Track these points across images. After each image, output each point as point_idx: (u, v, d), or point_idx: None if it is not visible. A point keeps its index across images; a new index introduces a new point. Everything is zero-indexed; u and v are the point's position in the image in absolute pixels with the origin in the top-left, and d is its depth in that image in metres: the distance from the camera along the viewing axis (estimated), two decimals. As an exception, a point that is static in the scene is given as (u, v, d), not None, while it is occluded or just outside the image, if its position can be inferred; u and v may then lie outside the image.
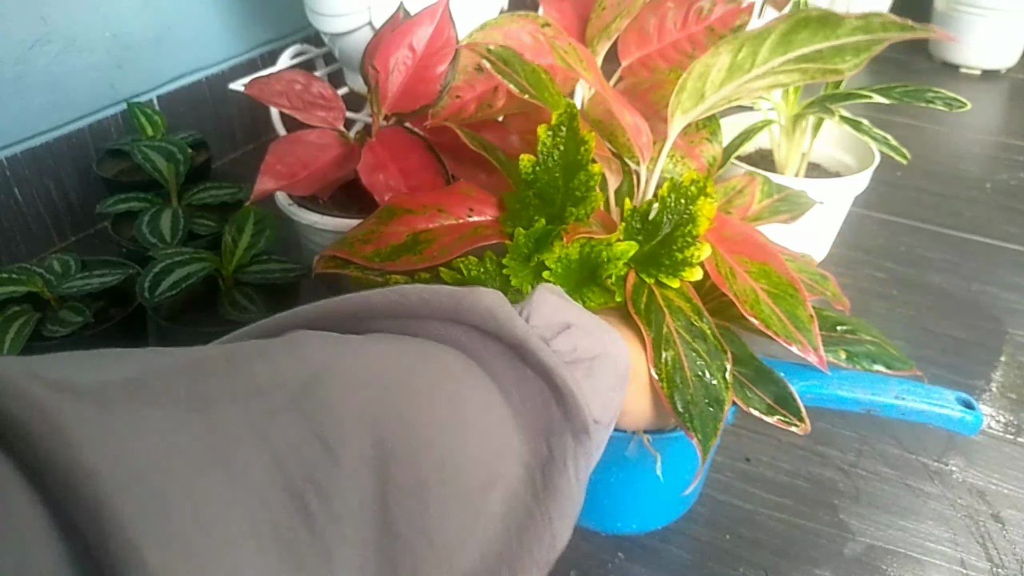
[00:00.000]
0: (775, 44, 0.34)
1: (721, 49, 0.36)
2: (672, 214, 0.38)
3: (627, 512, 0.48)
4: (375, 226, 0.47)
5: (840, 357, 0.42)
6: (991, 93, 1.26)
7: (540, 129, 0.40)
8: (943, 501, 0.52)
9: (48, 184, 0.79)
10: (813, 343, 0.36)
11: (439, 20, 0.61)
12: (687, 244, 0.38)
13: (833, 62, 0.33)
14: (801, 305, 0.37)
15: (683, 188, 0.38)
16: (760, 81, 0.36)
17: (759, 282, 0.37)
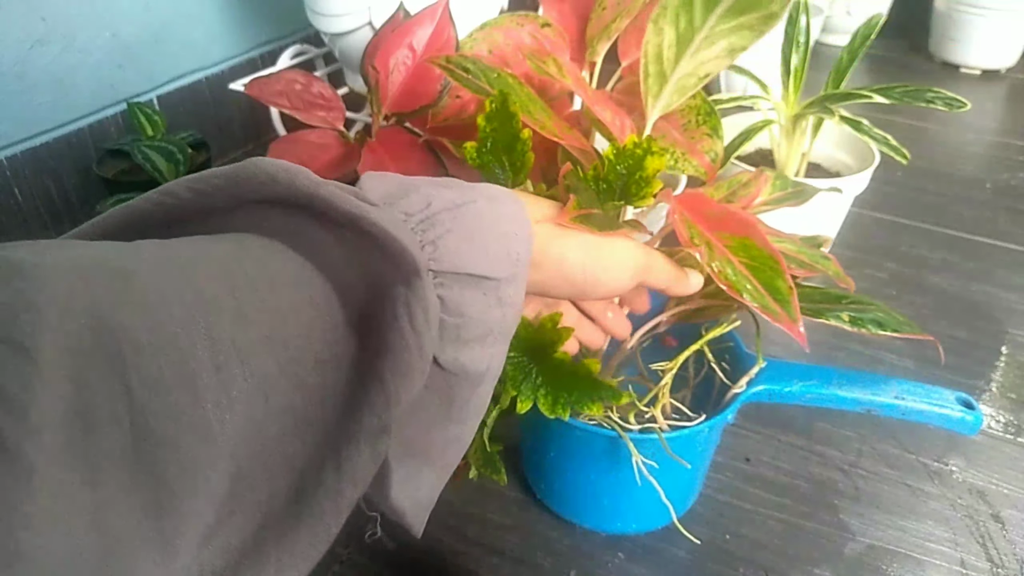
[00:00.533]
0: (703, 5, 0.35)
1: (661, 24, 0.37)
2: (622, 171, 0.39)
3: (627, 512, 0.48)
4: None
5: (843, 321, 0.41)
6: (991, 93, 1.26)
7: (479, 118, 0.41)
8: (943, 501, 0.52)
9: (48, 184, 0.79)
10: (792, 314, 0.34)
11: (439, 20, 0.61)
12: (642, 186, 0.39)
13: (761, 6, 0.34)
14: (780, 276, 0.36)
15: (627, 151, 0.39)
16: (712, 48, 0.37)
17: (738, 256, 0.37)
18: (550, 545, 0.49)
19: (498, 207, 0.31)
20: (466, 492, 0.52)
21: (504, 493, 0.53)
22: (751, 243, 0.37)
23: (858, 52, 0.71)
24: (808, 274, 0.42)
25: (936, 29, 1.33)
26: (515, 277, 0.30)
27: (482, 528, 0.50)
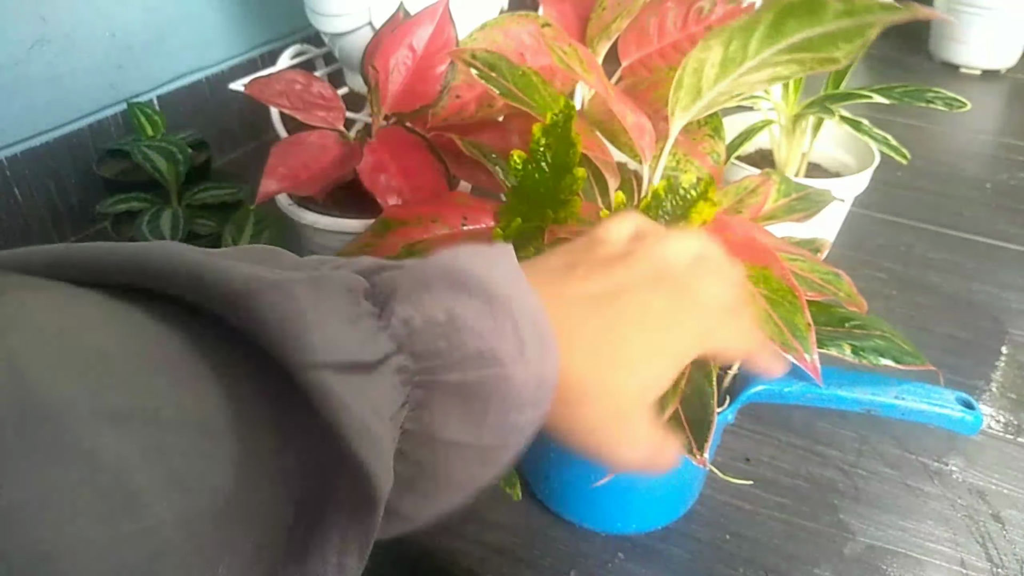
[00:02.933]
0: (764, 35, 0.34)
1: (711, 43, 0.36)
2: (666, 213, 0.38)
3: (627, 512, 0.48)
4: (371, 239, 0.47)
5: (844, 352, 0.41)
6: (991, 93, 1.26)
7: (535, 127, 0.40)
8: (943, 501, 0.52)
9: (48, 184, 0.79)
10: (809, 352, 0.36)
11: (439, 20, 0.61)
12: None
13: (827, 50, 0.33)
14: (799, 312, 0.36)
15: (682, 191, 0.38)
16: (756, 74, 0.36)
17: (758, 287, 0.37)
18: (550, 545, 0.49)
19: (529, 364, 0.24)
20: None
21: (504, 493, 0.53)
22: (771, 274, 0.37)
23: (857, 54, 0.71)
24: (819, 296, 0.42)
25: (936, 29, 1.33)
26: (508, 446, 0.25)
27: (482, 527, 0.50)
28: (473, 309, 0.23)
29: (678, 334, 0.29)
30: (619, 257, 0.30)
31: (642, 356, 0.28)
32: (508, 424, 0.24)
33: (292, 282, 0.20)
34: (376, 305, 0.22)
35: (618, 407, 0.28)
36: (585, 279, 0.29)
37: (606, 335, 0.27)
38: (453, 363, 0.22)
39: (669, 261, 0.30)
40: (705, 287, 0.31)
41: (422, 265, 0.24)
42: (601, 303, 0.28)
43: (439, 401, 0.22)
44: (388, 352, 0.21)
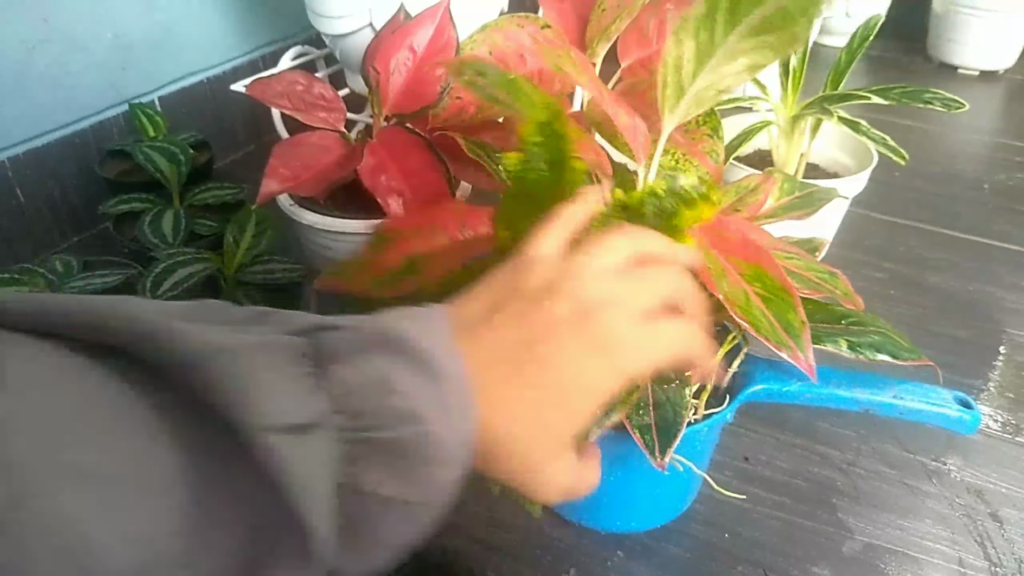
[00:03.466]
0: (725, 21, 0.34)
1: (681, 36, 0.36)
2: (658, 209, 0.38)
3: (626, 511, 0.48)
4: (368, 255, 0.47)
5: (841, 347, 0.41)
6: (989, 94, 1.26)
7: (527, 128, 0.40)
8: (941, 500, 0.53)
9: (50, 184, 0.79)
10: (803, 350, 0.36)
11: (439, 21, 0.61)
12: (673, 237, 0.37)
13: (788, 28, 0.33)
14: (793, 310, 0.36)
15: (683, 191, 0.38)
16: (733, 63, 0.36)
17: (752, 285, 0.37)
18: (550, 543, 0.49)
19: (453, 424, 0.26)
20: (466, 491, 0.52)
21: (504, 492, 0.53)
22: (765, 272, 0.37)
23: (856, 53, 0.72)
24: (815, 295, 0.42)
25: (934, 30, 1.34)
26: (432, 504, 0.26)
27: (482, 526, 0.50)
28: (404, 372, 0.25)
29: (595, 374, 0.30)
30: (540, 293, 0.30)
31: (557, 404, 0.29)
32: (433, 481, 0.25)
33: (243, 347, 0.23)
34: (316, 365, 0.24)
35: (534, 456, 0.30)
36: (503, 327, 0.30)
37: (521, 389, 0.29)
38: (384, 422, 0.24)
39: (593, 289, 0.30)
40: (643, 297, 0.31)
41: (360, 328, 0.26)
42: (517, 353, 0.29)
43: (370, 458, 0.24)
44: (326, 411, 0.23)
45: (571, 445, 0.31)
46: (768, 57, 0.35)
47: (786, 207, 0.52)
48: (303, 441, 0.22)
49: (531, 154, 0.40)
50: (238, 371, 0.22)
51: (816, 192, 0.54)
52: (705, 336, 0.33)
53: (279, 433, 0.21)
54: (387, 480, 0.24)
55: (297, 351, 0.24)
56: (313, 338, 0.25)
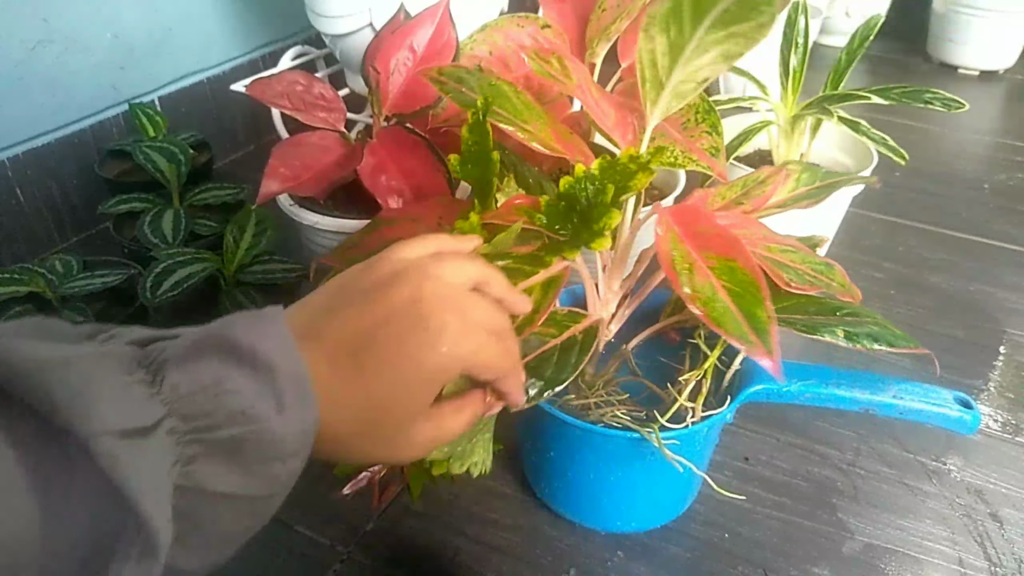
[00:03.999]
0: (691, 14, 0.35)
1: (652, 32, 0.37)
2: (593, 190, 0.39)
3: (627, 511, 0.49)
4: (360, 237, 0.50)
5: (838, 337, 0.41)
6: (989, 94, 1.26)
7: (463, 129, 0.41)
8: (941, 500, 0.53)
9: (50, 184, 0.79)
10: (768, 346, 0.33)
11: (439, 21, 0.61)
12: (600, 214, 0.38)
13: (751, 17, 0.33)
14: (760, 304, 0.35)
15: (620, 165, 0.38)
16: (705, 55, 0.36)
17: (721, 278, 0.36)
18: (550, 544, 0.49)
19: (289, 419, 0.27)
20: (467, 491, 0.53)
21: (505, 492, 0.53)
22: (736, 265, 0.36)
23: (856, 53, 0.72)
24: (810, 290, 0.42)
25: (934, 30, 1.34)
26: (272, 496, 0.27)
27: (482, 526, 0.50)
28: (236, 372, 0.26)
29: (433, 359, 0.31)
30: (385, 282, 0.32)
31: (395, 393, 0.31)
32: (271, 474, 0.27)
33: (77, 357, 0.24)
34: (149, 373, 0.25)
35: (381, 437, 0.31)
36: (344, 320, 0.31)
37: (357, 380, 0.30)
38: (218, 422, 0.25)
39: (436, 279, 0.32)
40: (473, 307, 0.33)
41: (196, 335, 0.27)
42: (355, 344, 0.30)
43: (207, 457, 0.25)
44: (160, 416, 0.24)
45: (418, 413, 0.32)
46: (741, 46, 0.35)
47: (797, 197, 0.52)
48: (138, 444, 0.23)
49: (468, 152, 0.41)
50: (71, 380, 0.23)
51: (840, 180, 0.53)
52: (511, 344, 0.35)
53: (118, 438, 0.23)
54: (225, 477, 0.25)
55: (131, 360, 0.25)
56: (148, 348, 0.26)
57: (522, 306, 0.37)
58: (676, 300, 0.49)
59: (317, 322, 0.31)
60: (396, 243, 0.35)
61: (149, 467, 0.23)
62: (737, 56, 0.36)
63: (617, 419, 0.43)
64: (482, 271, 0.35)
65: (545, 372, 0.39)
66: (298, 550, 0.49)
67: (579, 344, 0.41)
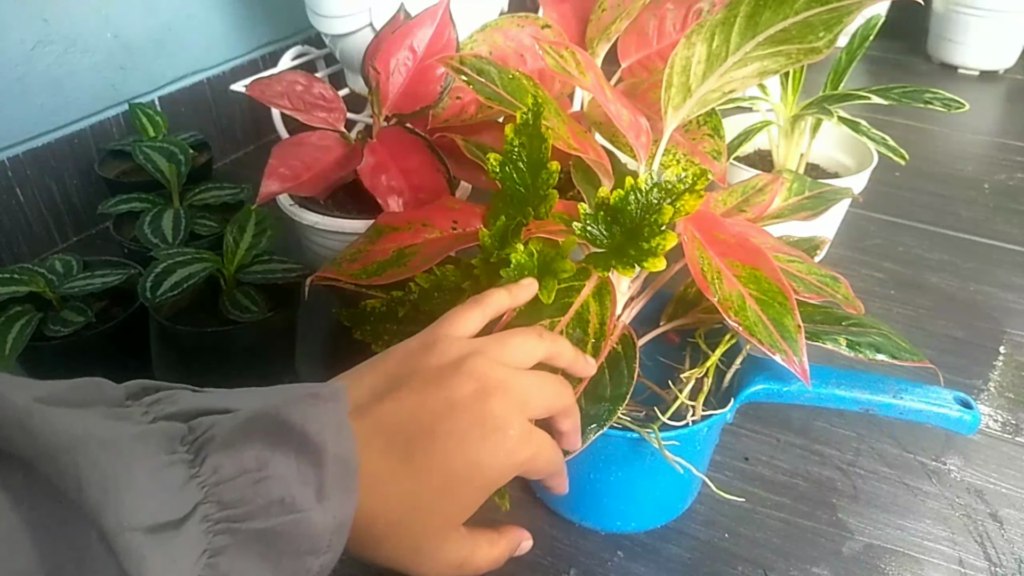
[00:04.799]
0: (743, 28, 0.34)
1: (694, 39, 0.36)
2: (640, 206, 0.38)
3: (626, 511, 0.48)
4: (363, 245, 0.48)
5: (840, 346, 0.41)
6: (989, 94, 1.26)
7: (508, 128, 0.40)
8: (941, 500, 0.53)
9: (50, 184, 0.79)
10: (798, 354, 0.35)
11: (439, 21, 0.61)
12: (653, 233, 0.37)
13: (807, 40, 0.33)
14: (789, 314, 0.36)
15: (668, 184, 0.38)
16: (743, 69, 0.36)
17: (748, 287, 0.37)
18: (550, 543, 0.49)
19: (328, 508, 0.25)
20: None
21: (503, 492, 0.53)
22: (761, 275, 0.37)
23: (856, 53, 0.72)
24: (816, 298, 0.42)
25: (934, 30, 1.34)
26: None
27: (482, 526, 0.50)
28: (282, 456, 0.24)
29: (491, 462, 0.29)
30: (445, 370, 0.30)
31: (441, 494, 0.29)
32: (302, 568, 0.25)
33: (113, 437, 0.22)
34: (191, 452, 0.24)
35: (413, 544, 0.29)
36: (400, 404, 0.29)
37: (403, 475, 0.28)
38: (256, 510, 0.24)
39: (498, 374, 0.30)
40: (538, 394, 0.31)
41: (245, 411, 0.25)
42: (408, 434, 0.29)
43: (238, 548, 0.23)
44: (196, 502, 0.23)
45: (458, 527, 0.30)
46: (781, 64, 0.35)
47: (794, 207, 0.52)
48: (167, 538, 0.22)
49: (512, 154, 0.40)
50: (104, 465, 0.22)
51: (826, 192, 0.54)
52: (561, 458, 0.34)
53: (142, 533, 0.21)
54: (254, 571, 0.24)
55: (175, 438, 0.24)
56: (194, 422, 0.25)
57: (589, 370, 0.36)
58: (677, 302, 0.49)
59: (369, 401, 0.29)
60: (451, 314, 0.33)
61: (175, 564, 0.22)
62: (774, 73, 0.36)
63: (617, 419, 0.43)
64: (549, 347, 0.33)
65: (605, 393, 0.38)
66: (298, 550, 0.49)
67: (623, 355, 0.40)
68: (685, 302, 0.49)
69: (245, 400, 0.26)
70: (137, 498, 0.22)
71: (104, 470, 0.21)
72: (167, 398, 0.26)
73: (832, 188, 0.54)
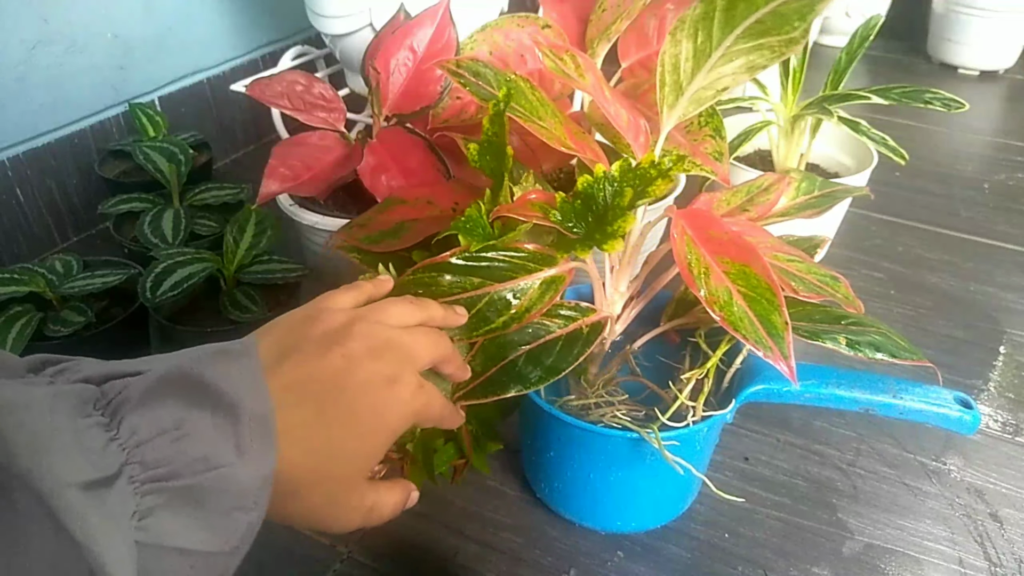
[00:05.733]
0: (722, 22, 0.35)
1: (679, 36, 0.37)
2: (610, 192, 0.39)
3: (627, 511, 0.49)
4: (373, 214, 0.51)
5: (840, 344, 0.41)
6: (989, 94, 1.26)
7: (484, 119, 0.41)
8: (941, 500, 0.53)
9: (50, 184, 0.79)
10: (784, 351, 0.35)
11: (439, 21, 0.61)
12: (615, 216, 0.38)
13: (783, 31, 0.33)
14: (776, 311, 0.36)
15: (640, 169, 0.38)
16: (730, 64, 0.36)
17: (736, 283, 0.37)
18: (550, 544, 0.49)
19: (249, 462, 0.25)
20: (466, 491, 0.53)
21: (504, 491, 0.53)
22: (750, 271, 0.37)
23: (857, 53, 0.72)
24: (815, 298, 0.42)
25: (934, 30, 1.34)
26: (233, 552, 0.26)
27: (482, 526, 0.50)
28: (198, 413, 0.25)
29: (387, 405, 0.32)
30: (337, 332, 0.32)
31: (353, 440, 0.31)
32: (232, 525, 0.25)
33: (30, 400, 0.22)
34: (106, 415, 0.24)
35: (329, 492, 0.31)
36: (300, 363, 0.31)
37: (318, 425, 0.30)
38: (179, 468, 0.24)
39: (383, 332, 0.33)
40: (423, 349, 0.34)
41: (159, 371, 0.26)
42: (315, 389, 0.30)
43: (167, 507, 0.24)
44: (120, 463, 0.23)
45: (366, 474, 0.32)
46: (767, 58, 0.35)
47: (800, 206, 0.52)
48: (102, 496, 0.22)
49: (486, 142, 0.41)
50: (28, 424, 0.22)
51: (837, 191, 0.54)
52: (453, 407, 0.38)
53: (77, 490, 0.21)
54: (184, 532, 0.24)
55: (87, 401, 0.24)
56: (105, 386, 0.25)
57: (460, 320, 0.39)
58: (677, 302, 0.49)
59: (269, 363, 0.30)
60: (329, 293, 0.36)
61: (108, 522, 0.22)
62: (761, 68, 0.36)
63: (617, 419, 0.43)
64: (422, 311, 0.36)
65: (546, 360, 0.40)
66: (298, 550, 0.49)
67: (583, 338, 0.41)
68: (685, 302, 0.49)
69: (154, 363, 0.27)
70: (67, 457, 0.22)
71: (31, 430, 0.22)
72: (72, 367, 0.26)
73: (844, 187, 0.54)
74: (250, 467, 0.26)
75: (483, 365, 0.40)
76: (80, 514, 0.21)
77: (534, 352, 0.40)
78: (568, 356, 0.40)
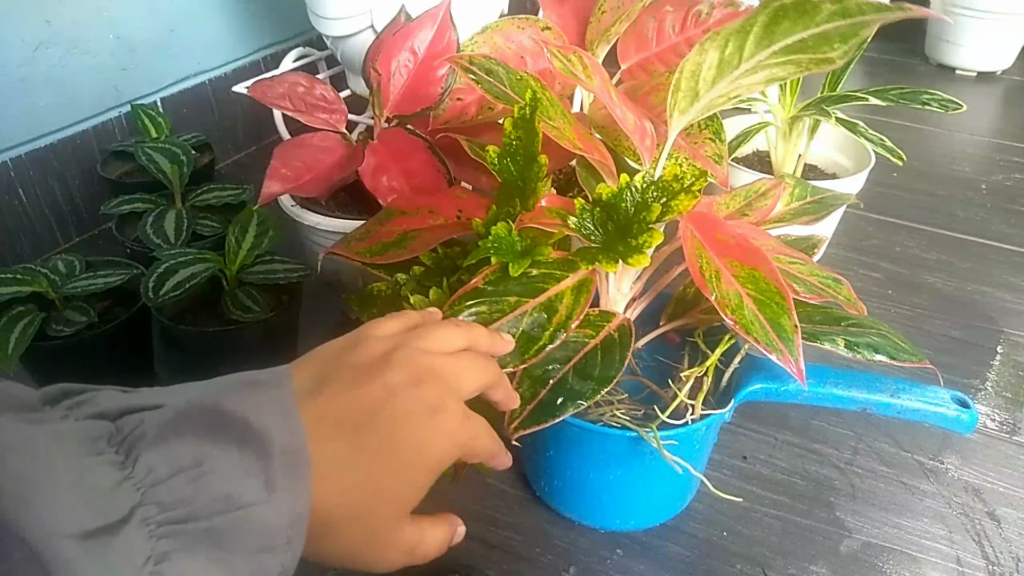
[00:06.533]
0: (759, 37, 0.34)
1: (707, 46, 0.37)
2: (634, 203, 0.39)
3: (626, 509, 0.49)
4: (372, 226, 0.50)
5: (839, 346, 0.42)
6: (986, 95, 1.27)
7: (507, 122, 0.41)
8: (939, 499, 0.53)
9: (53, 185, 0.80)
10: (794, 354, 0.36)
11: (440, 23, 0.61)
12: (641, 230, 0.38)
13: (821, 51, 0.33)
14: (786, 314, 0.36)
15: (663, 183, 0.39)
16: (753, 76, 0.36)
17: (746, 287, 0.37)
18: (549, 542, 0.50)
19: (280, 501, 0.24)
20: (467, 489, 0.53)
21: (504, 490, 0.53)
22: (759, 275, 0.37)
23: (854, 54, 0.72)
24: (816, 299, 0.42)
25: (932, 32, 1.34)
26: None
27: (482, 525, 0.51)
28: (221, 449, 0.23)
29: (429, 437, 0.30)
30: (376, 362, 0.30)
31: (393, 475, 0.29)
32: (259, 569, 0.23)
33: (29, 440, 0.21)
34: (120, 452, 0.23)
35: (368, 530, 0.29)
36: (338, 394, 0.29)
37: (356, 459, 0.28)
38: (198, 509, 0.22)
39: (425, 361, 0.31)
40: (467, 376, 0.32)
41: (176, 405, 0.24)
42: (352, 421, 0.28)
43: (185, 551, 0.22)
44: (133, 505, 0.22)
45: (408, 511, 0.30)
46: (790, 72, 0.35)
47: (796, 212, 0.53)
48: (103, 545, 0.20)
49: (510, 147, 0.41)
50: (18, 470, 0.20)
51: (827, 197, 0.54)
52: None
53: (73, 540, 0.20)
54: (205, 575, 0.22)
55: (100, 438, 0.23)
56: (121, 421, 0.24)
57: (507, 347, 0.37)
58: (676, 303, 0.50)
59: (303, 395, 0.29)
60: (371, 321, 0.34)
61: (113, 572, 0.20)
62: (781, 80, 0.36)
63: (616, 418, 0.44)
64: (466, 335, 0.35)
65: (593, 372, 0.39)
66: (300, 548, 0.49)
67: (618, 343, 0.41)
68: (685, 302, 0.49)
69: (177, 395, 0.25)
70: (61, 504, 0.20)
71: (21, 477, 0.20)
72: (90, 399, 0.24)
73: (832, 194, 0.55)
74: (281, 505, 0.24)
75: (531, 390, 0.39)
76: (75, 567, 0.20)
77: (579, 365, 0.40)
78: (613, 363, 0.39)
